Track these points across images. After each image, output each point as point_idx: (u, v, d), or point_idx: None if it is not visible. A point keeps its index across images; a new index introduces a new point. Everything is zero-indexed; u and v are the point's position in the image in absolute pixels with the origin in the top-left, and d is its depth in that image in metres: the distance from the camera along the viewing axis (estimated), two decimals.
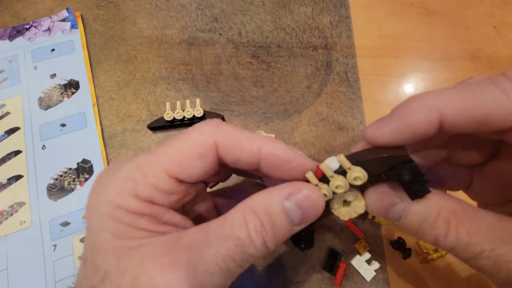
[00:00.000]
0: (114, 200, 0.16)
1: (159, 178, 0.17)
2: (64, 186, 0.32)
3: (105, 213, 0.16)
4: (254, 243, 0.16)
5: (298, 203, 0.16)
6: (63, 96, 0.36)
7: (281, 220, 0.16)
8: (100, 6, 0.41)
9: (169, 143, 0.17)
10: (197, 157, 0.17)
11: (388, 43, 0.40)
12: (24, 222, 0.31)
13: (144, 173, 0.17)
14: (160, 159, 0.17)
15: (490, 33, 0.40)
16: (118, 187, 0.16)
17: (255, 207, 0.16)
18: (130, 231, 0.16)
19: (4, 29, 0.39)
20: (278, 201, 0.16)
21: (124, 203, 0.16)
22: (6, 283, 0.28)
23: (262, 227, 0.16)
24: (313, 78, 0.38)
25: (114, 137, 0.35)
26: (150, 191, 0.16)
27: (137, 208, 0.16)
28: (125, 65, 0.38)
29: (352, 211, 0.19)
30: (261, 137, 0.18)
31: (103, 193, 0.17)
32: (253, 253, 0.16)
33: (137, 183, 0.16)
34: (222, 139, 0.17)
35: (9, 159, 0.33)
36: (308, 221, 0.17)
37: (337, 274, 0.29)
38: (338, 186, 0.17)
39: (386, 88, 0.38)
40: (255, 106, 0.37)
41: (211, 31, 0.40)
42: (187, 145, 0.17)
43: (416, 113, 0.16)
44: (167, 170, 0.17)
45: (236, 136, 0.18)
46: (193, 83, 0.38)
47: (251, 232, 0.16)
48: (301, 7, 0.42)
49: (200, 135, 0.17)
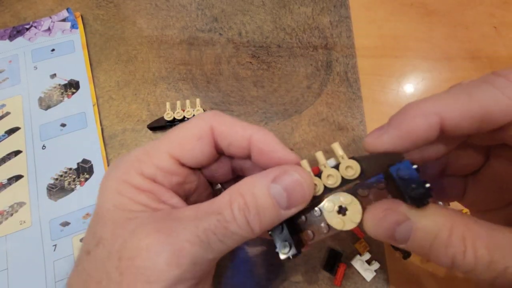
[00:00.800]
0: (122, 176, 0.18)
1: (162, 159, 0.18)
2: (64, 186, 0.32)
3: (112, 187, 0.18)
4: (236, 221, 0.16)
5: (284, 185, 0.17)
6: (63, 96, 0.36)
7: (266, 201, 0.17)
8: (100, 6, 0.41)
9: (173, 130, 0.19)
10: (195, 139, 0.19)
11: (388, 43, 0.40)
12: (24, 222, 0.31)
13: (149, 155, 0.19)
14: (164, 143, 0.19)
15: (490, 33, 0.40)
16: (126, 166, 0.18)
17: (242, 189, 0.17)
18: (130, 204, 0.17)
19: (4, 29, 0.39)
20: (263, 182, 0.17)
21: (129, 179, 0.18)
22: (6, 283, 0.28)
23: (245, 206, 0.16)
24: (313, 78, 0.38)
25: (114, 137, 0.35)
26: (154, 170, 0.18)
27: (140, 184, 0.18)
28: (125, 65, 0.38)
29: (347, 221, 0.18)
30: (254, 126, 0.19)
31: (113, 171, 0.19)
32: (236, 230, 0.16)
33: (142, 163, 0.18)
34: (217, 124, 0.19)
35: (9, 159, 0.33)
36: (296, 204, 0.17)
37: (337, 274, 0.29)
38: (329, 175, 0.17)
39: (386, 88, 0.38)
40: (255, 106, 0.37)
41: (211, 31, 0.40)
42: (187, 129, 0.19)
43: (416, 118, 0.16)
44: (169, 152, 0.19)
45: (230, 122, 0.19)
46: (193, 83, 0.38)
47: (234, 210, 0.16)
48: (301, 7, 0.42)
49: (198, 120, 0.19)
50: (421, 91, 0.38)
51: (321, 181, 0.18)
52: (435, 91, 0.39)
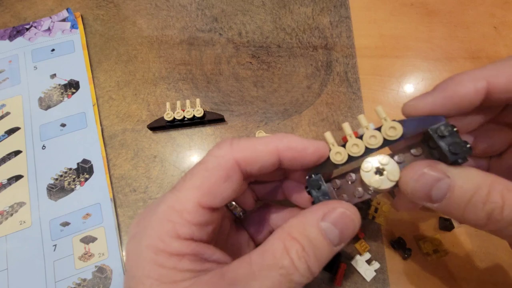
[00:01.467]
0: (156, 244, 0.16)
1: (194, 213, 0.17)
2: (64, 186, 0.32)
3: (148, 259, 0.16)
4: (299, 270, 0.16)
5: (334, 222, 0.16)
6: (63, 96, 0.36)
7: (320, 242, 0.16)
8: (100, 6, 0.41)
9: (193, 177, 0.18)
10: (223, 181, 0.17)
11: (388, 43, 0.40)
12: (24, 222, 0.31)
13: (179, 212, 0.17)
14: (190, 194, 0.17)
15: (491, 33, 0.40)
16: (157, 231, 0.17)
17: (293, 232, 0.16)
18: (174, 274, 0.16)
19: (4, 29, 0.39)
20: (314, 223, 0.16)
21: (166, 247, 0.16)
22: (6, 283, 0.28)
23: (304, 252, 0.16)
24: (313, 78, 0.38)
25: (114, 137, 0.35)
26: (189, 228, 0.17)
27: (179, 249, 0.16)
28: (125, 65, 0.38)
29: (384, 180, 0.18)
30: (274, 137, 0.18)
31: (143, 238, 0.17)
32: (299, 279, 0.16)
33: (175, 223, 0.17)
34: (240, 155, 0.18)
35: (9, 159, 0.33)
36: (346, 239, 0.17)
37: (337, 274, 0.29)
38: (372, 136, 0.17)
39: (386, 88, 0.38)
40: (255, 106, 0.37)
41: (211, 31, 0.40)
42: (211, 173, 0.17)
43: (463, 81, 0.17)
44: (199, 202, 0.17)
45: (251, 146, 0.18)
46: (193, 83, 0.38)
47: (294, 258, 0.15)
48: (301, 7, 0.42)
49: (218, 159, 0.18)
50: (421, 91, 0.38)
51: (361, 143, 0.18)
52: None
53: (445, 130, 0.16)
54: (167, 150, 0.34)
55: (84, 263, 0.29)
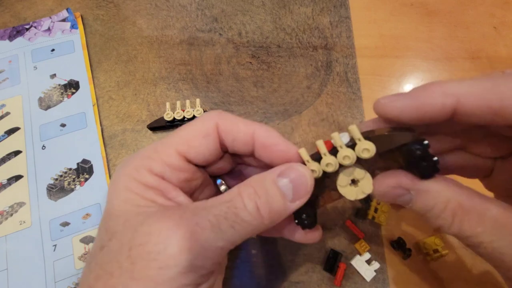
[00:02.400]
0: (131, 173, 0.19)
1: (170, 156, 0.19)
2: (64, 186, 0.32)
3: (121, 184, 0.19)
4: (247, 207, 0.17)
5: (290, 178, 0.18)
6: (63, 96, 0.36)
7: (274, 192, 0.18)
8: (100, 6, 0.41)
9: (180, 129, 0.20)
10: (201, 136, 0.20)
11: (388, 43, 0.40)
12: (24, 222, 0.31)
13: (158, 152, 0.19)
14: (171, 140, 0.20)
15: (491, 33, 0.40)
16: (136, 163, 0.19)
17: (250, 181, 0.18)
18: (138, 199, 0.18)
19: (4, 29, 0.39)
20: (271, 176, 0.18)
21: (138, 176, 0.18)
22: (6, 283, 0.28)
23: (255, 194, 0.17)
24: (313, 78, 0.38)
25: (114, 137, 0.35)
26: (162, 167, 0.19)
27: (148, 181, 0.18)
28: (125, 65, 0.38)
29: (359, 191, 0.19)
30: (256, 123, 0.21)
31: (123, 168, 0.19)
32: (246, 217, 0.17)
33: (152, 160, 0.19)
34: (222, 121, 0.20)
35: (9, 159, 0.33)
36: (301, 196, 0.18)
37: (337, 274, 0.29)
38: (345, 156, 0.18)
39: (386, 88, 0.38)
40: (255, 106, 0.37)
41: (211, 31, 0.40)
42: (194, 128, 0.20)
43: (434, 95, 0.17)
44: (177, 149, 0.19)
45: (234, 120, 0.20)
46: (193, 83, 0.38)
47: (243, 198, 0.17)
48: (301, 7, 0.42)
49: (204, 119, 0.20)
50: None
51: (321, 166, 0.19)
52: None
53: (416, 149, 0.17)
54: None
55: (84, 263, 0.29)
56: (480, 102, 0.16)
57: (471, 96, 0.16)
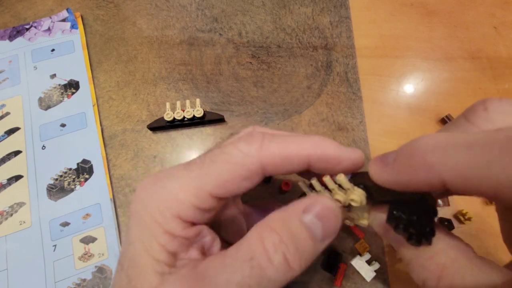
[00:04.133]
0: (156, 216, 0.16)
1: (202, 200, 0.16)
2: (64, 186, 0.32)
3: (145, 226, 0.16)
4: (273, 262, 0.14)
5: (317, 214, 0.15)
6: (63, 96, 0.36)
7: (302, 234, 0.15)
8: (100, 7, 0.41)
9: (213, 164, 0.17)
10: (242, 180, 0.17)
11: (388, 43, 0.40)
12: (24, 222, 0.31)
13: (188, 194, 0.16)
14: (205, 181, 0.16)
15: (491, 33, 0.40)
16: (162, 204, 0.16)
17: (271, 223, 0.15)
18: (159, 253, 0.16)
19: (4, 29, 0.39)
20: (295, 214, 0.16)
21: (164, 222, 0.16)
22: (6, 283, 0.28)
23: (281, 244, 0.14)
24: (313, 78, 0.38)
25: (114, 137, 0.35)
26: (192, 213, 0.16)
27: (174, 230, 0.16)
28: (125, 65, 0.38)
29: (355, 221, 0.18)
30: (308, 141, 0.17)
31: (148, 206, 0.16)
32: (273, 275, 0.14)
33: (180, 204, 0.16)
34: (268, 160, 0.17)
35: (9, 159, 0.33)
36: (330, 233, 0.16)
37: (337, 274, 0.29)
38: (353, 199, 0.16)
39: (386, 88, 0.38)
40: (255, 106, 0.37)
41: (211, 31, 0.40)
42: (232, 167, 0.16)
43: (417, 170, 0.14)
44: (211, 192, 0.16)
45: (283, 151, 0.17)
46: (193, 83, 0.38)
47: (268, 250, 0.14)
48: (301, 7, 0.42)
49: (245, 157, 0.17)
50: (421, 91, 0.38)
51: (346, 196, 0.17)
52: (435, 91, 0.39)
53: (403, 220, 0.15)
54: (167, 150, 0.34)
55: (84, 263, 0.29)
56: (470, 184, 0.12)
57: (459, 176, 0.12)
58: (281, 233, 0.15)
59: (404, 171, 0.14)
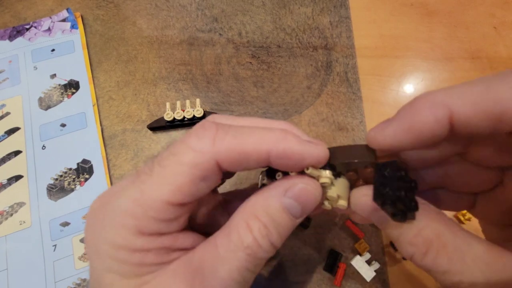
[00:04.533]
0: (115, 240, 0.15)
1: (161, 211, 0.15)
2: (64, 186, 0.32)
3: (107, 255, 0.15)
4: (262, 247, 0.16)
5: (296, 197, 0.16)
6: (63, 96, 0.36)
7: (282, 217, 0.16)
8: (100, 6, 0.41)
9: (163, 170, 0.15)
10: (200, 181, 0.15)
11: (388, 43, 0.40)
12: (24, 222, 0.31)
13: (143, 208, 0.15)
14: (158, 191, 0.15)
15: (491, 33, 0.40)
16: (116, 226, 0.15)
17: (255, 210, 0.16)
18: (138, 269, 0.15)
19: (4, 29, 0.39)
20: (276, 199, 0.16)
21: (127, 243, 0.15)
22: (6, 283, 0.28)
23: (266, 229, 0.16)
24: (313, 78, 0.38)
25: (114, 137, 0.35)
26: (155, 225, 0.15)
27: (143, 245, 0.15)
28: (125, 65, 0.38)
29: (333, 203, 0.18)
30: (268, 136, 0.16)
31: (101, 232, 0.15)
32: (263, 255, 0.16)
33: (138, 220, 0.15)
34: (223, 156, 0.15)
35: (9, 159, 0.33)
36: (307, 211, 0.17)
37: (337, 274, 0.29)
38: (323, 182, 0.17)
39: (386, 88, 0.38)
40: (255, 106, 0.37)
41: (211, 31, 0.40)
42: (185, 169, 0.15)
43: (422, 110, 0.14)
44: (169, 201, 0.15)
45: (238, 146, 0.15)
46: (193, 83, 0.38)
47: (257, 237, 0.15)
48: (301, 7, 0.42)
49: (197, 155, 0.15)
50: (421, 91, 0.38)
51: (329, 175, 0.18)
52: None
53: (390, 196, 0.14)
54: None
55: (84, 263, 0.29)
56: (476, 108, 0.13)
57: (464, 102, 0.13)
58: (265, 220, 0.16)
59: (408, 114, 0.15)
